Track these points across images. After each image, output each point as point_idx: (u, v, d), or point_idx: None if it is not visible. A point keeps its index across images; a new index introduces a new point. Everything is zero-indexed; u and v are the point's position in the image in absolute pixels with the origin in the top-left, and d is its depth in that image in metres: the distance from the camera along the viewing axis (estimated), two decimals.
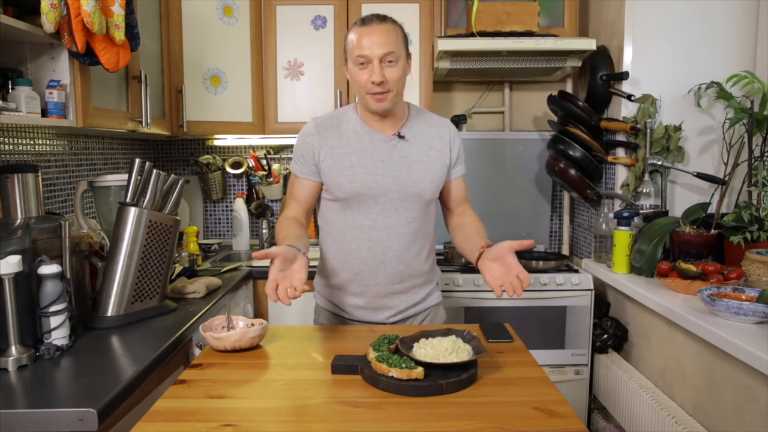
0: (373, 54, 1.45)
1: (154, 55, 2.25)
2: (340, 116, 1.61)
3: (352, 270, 1.59)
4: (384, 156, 1.55)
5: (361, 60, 1.46)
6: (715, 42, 2.27)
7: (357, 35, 1.48)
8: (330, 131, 1.57)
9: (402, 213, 1.56)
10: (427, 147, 1.58)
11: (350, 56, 1.50)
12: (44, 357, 1.28)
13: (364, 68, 1.47)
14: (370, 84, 1.47)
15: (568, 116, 2.50)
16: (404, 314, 1.64)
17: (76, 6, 1.45)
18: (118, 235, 1.55)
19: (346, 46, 1.52)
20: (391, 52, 1.46)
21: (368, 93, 1.49)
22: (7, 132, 1.75)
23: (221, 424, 0.99)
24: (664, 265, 1.94)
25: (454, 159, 1.63)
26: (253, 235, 2.89)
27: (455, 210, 1.69)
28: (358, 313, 1.62)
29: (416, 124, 1.60)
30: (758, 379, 1.41)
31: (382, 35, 1.46)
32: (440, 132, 1.62)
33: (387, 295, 1.60)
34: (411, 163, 1.56)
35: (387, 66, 1.47)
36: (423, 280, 1.65)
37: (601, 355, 2.30)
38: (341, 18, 2.58)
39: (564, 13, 2.58)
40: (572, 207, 2.87)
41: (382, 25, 1.48)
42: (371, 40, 1.45)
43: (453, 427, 0.98)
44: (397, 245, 1.57)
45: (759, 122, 2.04)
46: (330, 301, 1.67)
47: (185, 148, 2.96)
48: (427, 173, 1.57)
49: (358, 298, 1.61)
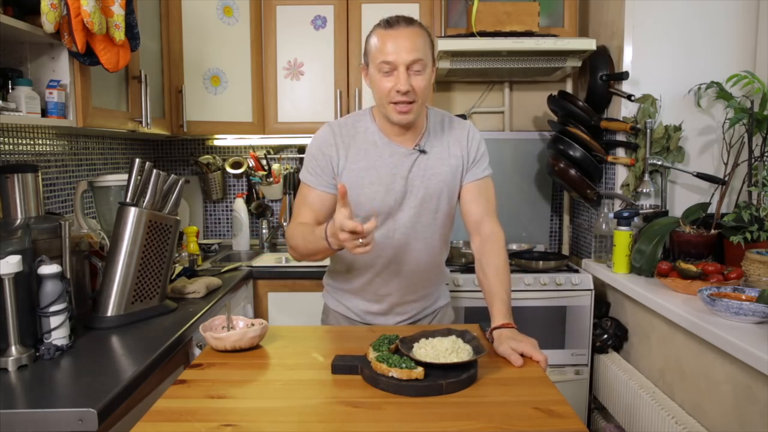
0: (399, 60, 1.33)
1: (154, 55, 2.25)
2: (356, 124, 1.50)
3: (365, 280, 1.55)
4: (404, 172, 1.46)
5: (386, 67, 1.35)
6: (715, 42, 2.27)
7: (381, 39, 1.36)
8: (348, 141, 1.47)
9: (419, 229, 1.50)
10: (447, 156, 1.50)
11: (372, 61, 1.39)
12: (44, 357, 1.28)
13: (388, 75, 1.36)
14: (394, 93, 1.36)
15: (568, 116, 2.50)
16: (415, 317, 1.63)
17: (76, 6, 1.45)
18: (118, 235, 1.55)
19: (368, 49, 1.41)
20: (418, 59, 1.35)
21: (391, 102, 1.38)
22: (7, 132, 1.75)
23: (221, 424, 0.99)
24: (664, 265, 1.94)
25: (471, 159, 1.52)
26: (253, 235, 2.89)
27: (479, 227, 1.50)
28: (368, 317, 1.61)
29: (436, 133, 1.51)
30: (758, 379, 1.41)
31: (409, 40, 1.34)
32: (459, 136, 1.52)
33: (400, 303, 1.58)
34: (430, 176, 1.47)
35: (414, 74, 1.36)
36: (435, 287, 1.65)
37: (601, 355, 2.30)
38: (341, 18, 2.58)
39: (564, 13, 2.59)
40: (572, 207, 2.87)
41: (409, 28, 1.36)
42: (397, 44, 1.34)
43: (453, 427, 0.98)
44: (413, 260, 1.53)
45: (759, 122, 2.04)
46: (341, 302, 1.64)
47: (185, 148, 2.96)
48: (446, 185, 1.49)
49: (370, 305, 1.59)
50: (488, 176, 1.55)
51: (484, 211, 1.51)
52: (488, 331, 1.36)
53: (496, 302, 1.38)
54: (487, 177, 1.54)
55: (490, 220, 1.51)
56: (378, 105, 1.46)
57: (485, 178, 1.53)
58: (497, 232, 1.49)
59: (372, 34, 1.41)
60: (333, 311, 1.66)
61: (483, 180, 1.53)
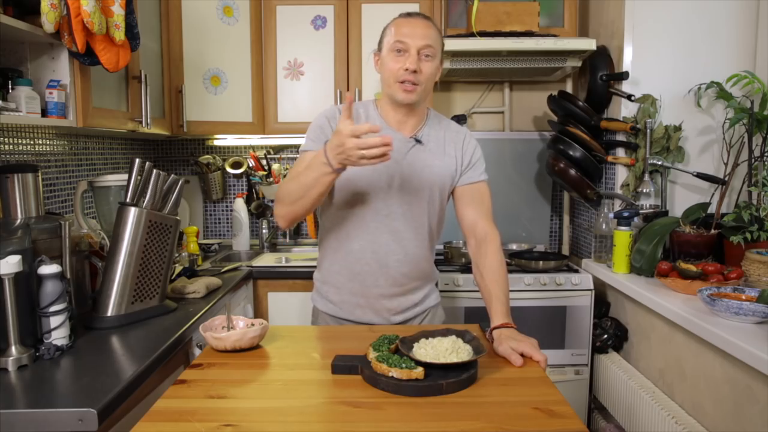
0: (412, 43, 1.44)
1: (154, 55, 2.25)
2: (359, 109, 1.59)
3: (354, 270, 1.57)
4: (398, 157, 1.51)
5: (399, 46, 1.45)
6: (715, 42, 2.27)
7: (398, 24, 1.48)
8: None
9: (409, 218, 1.54)
10: (441, 152, 1.56)
11: (386, 44, 1.49)
12: (44, 357, 1.28)
13: (399, 55, 1.46)
14: (402, 71, 1.45)
15: (568, 116, 2.50)
16: (403, 315, 1.62)
17: (76, 6, 1.45)
18: (118, 235, 1.55)
19: (383, 35, 1.52)
20: (429, 45, 1.46)
21: (398, 81, 1.46)
22: (7, 132, 1.75)
23: (221, 424, 0.99)
24: (664, 265, 1.94)
25: (466, 163, 1.58)
26: (253, 235, 2.89)
27: (474, 229, 1.54)
28: (357, 311, 1.61)
29: (433, 129, 1.58)
30: (758, 379, 1.41)
31: (424, 28, 1.47)
32: (456, 138, 1.60)
33: (387, 296, 1.59)
34: (423, 166, 1.53)
35: (423, 59, 1.46)
36: (423, 282, 1.65)
37: (601, 355, 2.30)
38: (341, 18, 2.58)
39: (564, 13, 2.59)
40: (572, 207, 2.87)
41: (426, 21, 1.49)
42: (413, 29, 1.46)
43: (453, 427, 0.97)
44: (401, 250, 1.55)
45: (759, 122, 2.04)
46: (329, 300, 1.64)
47: (185, 148, 2.96)
48: (437, 178, 1.55)
49: (357, 298, 1.60)
50: (484, 181, 1.60)
51: (479, 214, 1.55)
52: (488, 332, 1.37)
53: (494, 303, 1.40)
54: (482, 181, 1.59)
55: (485, 222, 1.54)
56: (384, 86, 1.54)
57: (480, 183, 1.59)
58: (491, 234, 1.52)
59: (390, 24, 1.52)
60: (322, 313, 1.67)
61: (478, 184, 1.59)
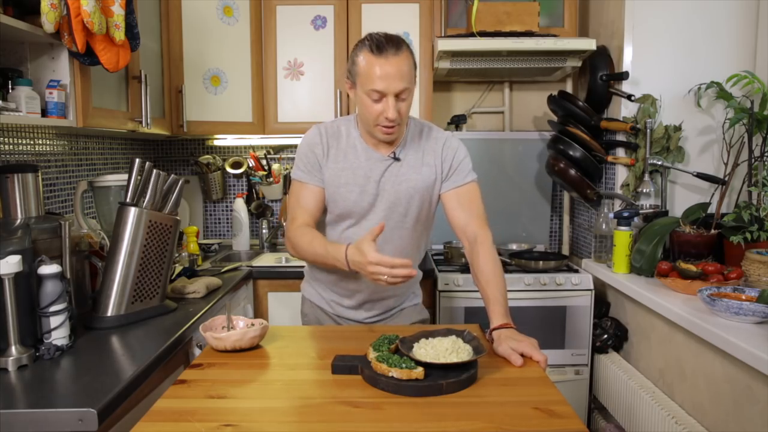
0: (389, 90, 1.41)
1: (154, 55, 2.25)
2: (341, 128, 1.58)
3: (338, 275, 1.61)
4: (377, 176, 1.54)
5: (376, 95, 1.42)
6: (715, 42, 2.27)
7: (370, 65, 1.40)
8: (332, 142, 1.56)
9: (387, 232, 1.51)
10: (419, 165, 1.56)
11: (361, 85, 1.44)
12: (44, 357, 1.28)
13: (377, 102, 1.43)
14: (383, 118, 1.44)
15: (568, 116, 2.50)
16: (382, 316, 1.70)
17: (76, 6, 1.45)
18: (118, 235, 1.55)
19: (355, 69, 1.45)
20: (406, 87, 1.42)
21: (378, 125, 1.46)
22: (7, 132, 1.75)
23: (221, 424, 0.99)
24: (664, 265, 1.94)
25: (446, 169, 1.56)
26: (253, 235, 2.89)
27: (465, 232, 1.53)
28: (340, 309, 1.68)
29: (413, 142, 1.58)
30: (758, 379, 1.41)
31: (398, 67, 1.40)
32: (435, 146, 1.57)
33: (370, 300, 1.66)
34: (401, 182, 1.54)
35: (401, 101, 1.44)
36: (405, 287, 1.69)
37: (601, 355, 2.30)
38: (341, 18, 2.58)
39: (564, 13, 2.59)
40: (572, 207, 2.87)
41: (397, 56, 1.40)
42: (387, 75, 1.39)
43: (453, 427, 0.98)
44: None
45: (759, 122, 2.04)
46: (317, 292, 1.71)
47: (185, 148, 2.96)
48: (416, 192, 1.55)
49: (341, 298, 1.67)
50: (471, 182, 1.57)
51: (469, 216, 1.53)
52: (488, 332, 1.37)
53: (491, 304, 1.40)
54: (469, 183, 1.57)
55: (475, 224, 1.52)
56: (363, 122, 1.53)
57: (467, 185, 1.56)
58: (482, 235, 1.49)
59: (359, 54, 1.44)
60: (308, 301, 1.74)
61: (465, 186, 1.56)
